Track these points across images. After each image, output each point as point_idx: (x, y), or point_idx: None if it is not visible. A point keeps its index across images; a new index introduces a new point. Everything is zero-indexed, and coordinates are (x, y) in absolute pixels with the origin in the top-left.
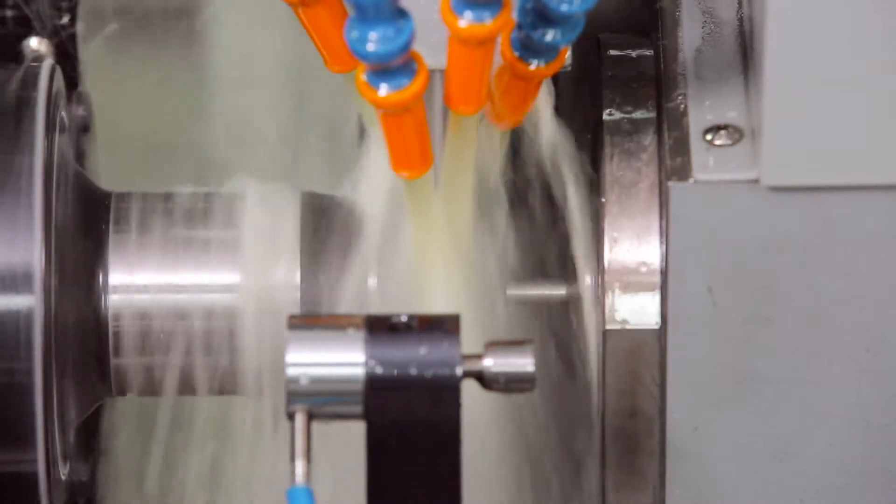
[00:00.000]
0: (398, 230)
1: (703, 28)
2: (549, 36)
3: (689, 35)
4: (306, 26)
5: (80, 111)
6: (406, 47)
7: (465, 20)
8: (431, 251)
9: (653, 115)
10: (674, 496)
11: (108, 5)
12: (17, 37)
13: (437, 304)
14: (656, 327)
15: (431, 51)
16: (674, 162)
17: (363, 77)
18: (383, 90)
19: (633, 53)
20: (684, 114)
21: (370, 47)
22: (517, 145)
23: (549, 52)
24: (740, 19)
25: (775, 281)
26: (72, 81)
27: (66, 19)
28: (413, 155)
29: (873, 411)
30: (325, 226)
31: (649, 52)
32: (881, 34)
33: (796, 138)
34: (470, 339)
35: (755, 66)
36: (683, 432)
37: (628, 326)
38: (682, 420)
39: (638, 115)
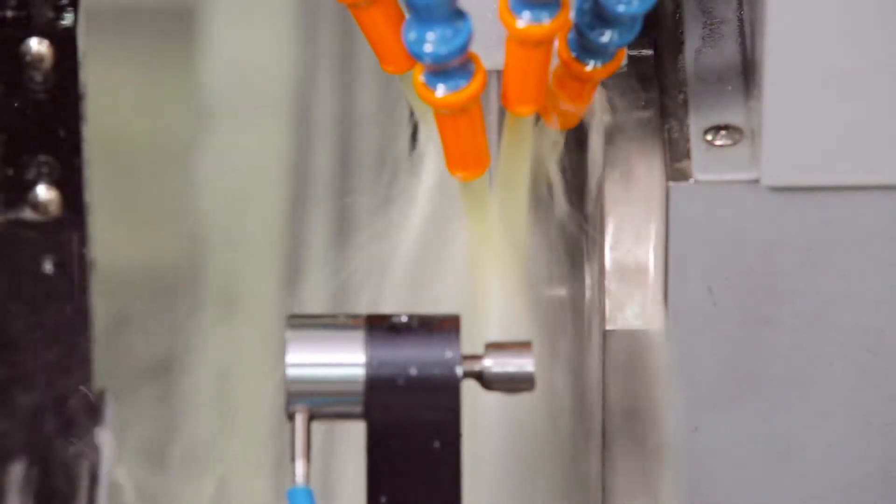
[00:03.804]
0: (451, 230)
1: (703, 28)
2: (606, 37)
3: (689, 35)
4: (361, 27)
5: None
6: (464, 48)
7: (523, 20)
8: (486, 252)
9: (653, 114)
10: (674, 496)
11: (108, 6)
12: (17, 37)
13: (492, 306)
14: (656, 327)
15: (488, 51)
16: (674, 162)
17: (421, 78)
18: (441, 91)
19: (633, 53)
20: (684, 114)
21: (428, 48)
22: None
23: (605, 52)
24: (740, 19)
25: (775, 281)
26: (72, 83)
27: (66, 20)
28: (468, 156)
29: (873, 411)
30: None
31: (649, 52)
32: (881, 34)
33: (796, 138)
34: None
35: (755, 66)
36: (683, 432)
37: (628, 327)
38: (682, 420)
39: (638, 115)
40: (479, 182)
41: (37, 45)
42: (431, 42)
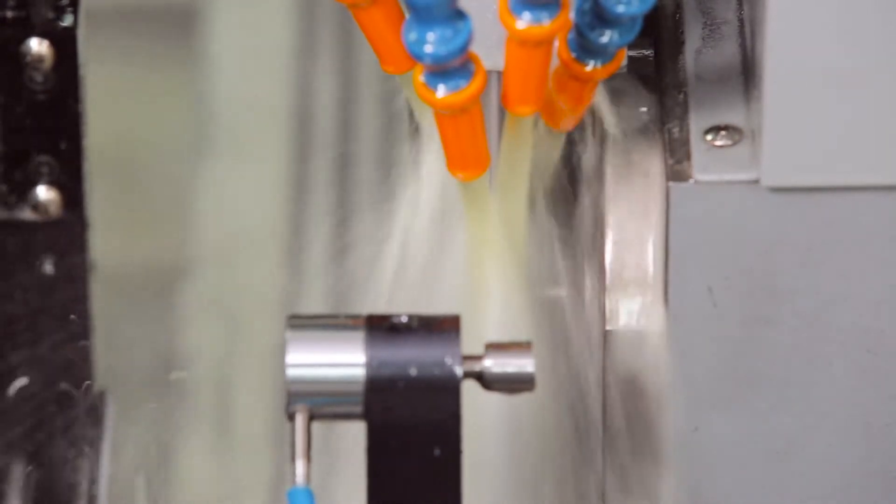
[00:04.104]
0: (451, 231)
1: (703, 28)
2: (606, 37)
3: (689, 35)
4: (361, 27)
5: None
6: (464, 48)
7: (524, 21)
8: (486, 252)
9: (653, 115)
10: (674, 496)
11: (108, 6)
12: (17, 37)
13: (492, 306)
14: (656, 327)
15: (488, 52)
16: (674, 162)
17: (421, 78)
18: (441, 91)
19: (633, 53)
20: (684, 114)
21: (428, 48)
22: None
23: (605, 53)
24: (740, 19)
25: (775, 281)
26: (72, 83)
27: (66, 20)
28: (468, 156)
29: (873, 411)
30: None
31: (649, 52)
32: (881, 34)
33: (796, 138)
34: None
35: (755, 66)
36: (683, 432)
37: (628, 327)
38: (682, 420)
39: (638, 115)
40: (479, 182)
41: (37, 45)
42: (431, 42)
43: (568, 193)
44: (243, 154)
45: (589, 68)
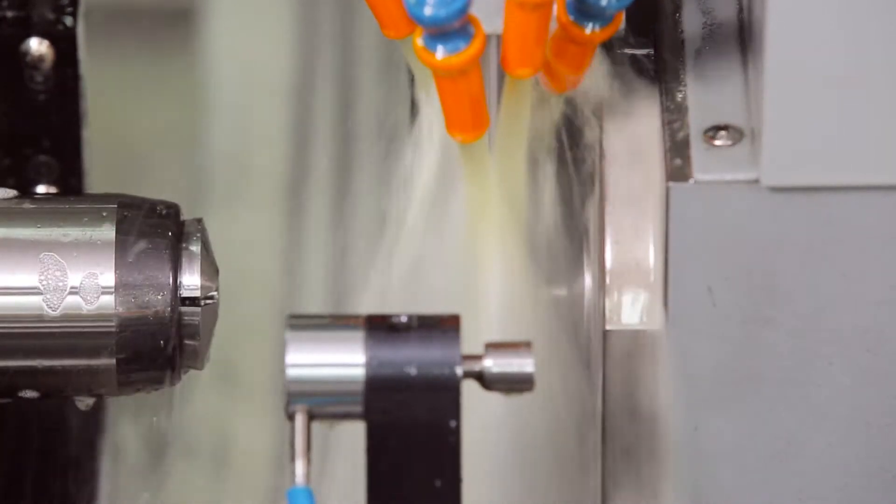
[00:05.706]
0: (450, 195)
1: (703, 28)
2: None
3: (689, 35)
4: None
5: None
6: (463, 10)
7: None
8: (486, 214)
9: (653, 114)
10: (674, 496)
11: (108, 6)
12: (17, 37)
13: (491, 270)
14: (656, 327)
15: (488, 15)
16: (674, 162)
17: (420, 41)
18: (440, 53)
19: (633, 53)
20: (684, 114)
21: (428, 11)
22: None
23: (603, 15)
24: (740, 19)
25: (775, 281)
26: (72, 83)
27: (66, 20)
28: (467, 118)
29: (873, 411)
30: None
31: (649, 52)
32: (881, 34)
33: (796, 138)
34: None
35: (755, 66)
36: (683, 432)
37: (628, 326)
38: (682, 420)
39: (638, 114)
40: (478, 144)
41: (37, 45)
42: (432, 5)
43: (568, 193)
44: (243, 153)
45: (588, 31)
